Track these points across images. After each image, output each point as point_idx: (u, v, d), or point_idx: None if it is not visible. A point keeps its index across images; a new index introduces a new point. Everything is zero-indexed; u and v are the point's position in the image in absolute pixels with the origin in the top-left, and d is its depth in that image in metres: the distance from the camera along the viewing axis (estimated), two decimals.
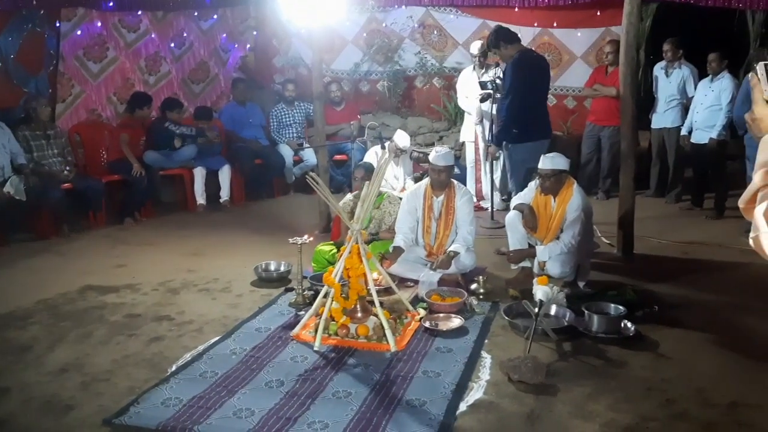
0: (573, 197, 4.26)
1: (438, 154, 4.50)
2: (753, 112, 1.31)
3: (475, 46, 6.69)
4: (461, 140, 7.10)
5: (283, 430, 2.68)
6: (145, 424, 2.77)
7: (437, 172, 4.49)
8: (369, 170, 4.88)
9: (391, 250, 4.54)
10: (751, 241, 1.24)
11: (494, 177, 6.47)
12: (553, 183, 4.27)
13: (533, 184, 4.48)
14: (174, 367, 3.33)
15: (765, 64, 1.27)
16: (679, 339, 3.61)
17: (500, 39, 5.30)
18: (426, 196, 4.59)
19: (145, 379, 3.20)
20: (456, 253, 4.41)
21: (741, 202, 1.29)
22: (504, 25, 7.33)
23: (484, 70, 6.61)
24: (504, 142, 5.46)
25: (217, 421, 2.76)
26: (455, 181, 4.68)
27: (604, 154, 7.07)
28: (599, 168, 7.17)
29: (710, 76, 6.31)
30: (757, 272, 4.65)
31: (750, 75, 1.31)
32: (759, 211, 1.21)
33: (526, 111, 5.20)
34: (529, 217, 4.34)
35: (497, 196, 6.50)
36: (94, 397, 3.04)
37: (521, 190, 4.75)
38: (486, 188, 6.66)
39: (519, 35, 7.12)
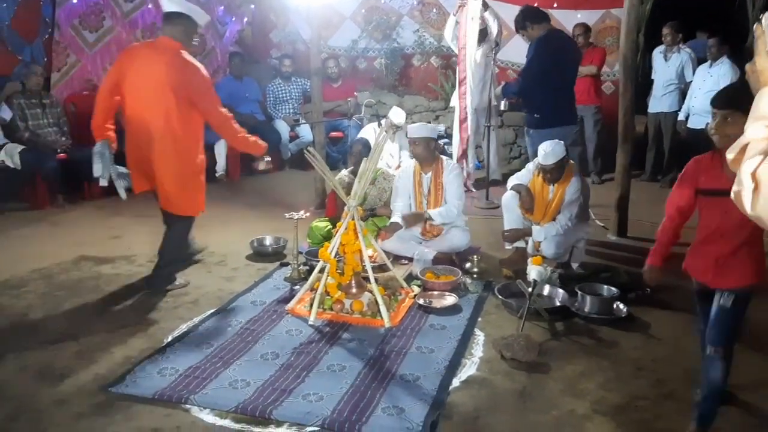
0: (572, 181, 4.24)
1: (413, 126, 4.52)
2: (754, 63, 1.30)
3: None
4: (451, 104, 7.09)
5: (278, 401, 2.71)
6: (141, 393, 2.79)
7: (413, 144, 4.50)
8: (367, 146, 4.87)
9: (388, 225, 4.57)
10: (732, 195, 1.23)
11: (491, 154, 6.48)
12: (554, 174, 4.25)
13: (531, 166, 4.48)
14: (170, 338, 3.35)
15: None
16: (670, 321, 3.65)
17: (526, 19, 5.10)
18: (415, 173, 4.59)
19: (141, 349, 3.22)
20: (430, 217, 4.44)
21: (730, 152, 1.28)
22: (503, 3, 7.33)
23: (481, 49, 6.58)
24: (526, 128, 5.36)
25: (213, 391, 2.79)
26: (444, 157, 4.64)
27: (588, 134, 7.09)
28: (585, 149, 7.17)
29: (709, 62, 6.31)
30: None
31: (755, 25, 1.30)
32: (746, 167, 1.20)
33: (549, 94, 4.98)
34: (526, 198, 4.34)
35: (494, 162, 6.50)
36: (89, 366, 3.06)
37: None
38: (472, 165, 6.66)
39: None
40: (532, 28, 5.07)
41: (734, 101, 2.26)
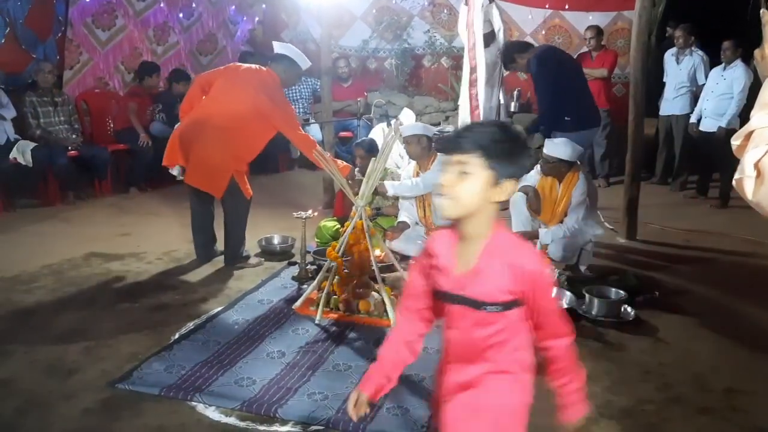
0: (579, 183, 4.23)
1: (403, 126, 4.50)
2: (764, 49, 1.29)
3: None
4: (459, 102, 7.07)
5: (283, 399, 2.72)
6: (147, 389, 2.80)
7: (406, 143, 4.53)
8: (369, 148, 4.86)
9: (396, 225, 4.56)
10: (734, 182, 1.24)
11: None
12: (551, 168, 4.25)
13: (539, 167, 4.47)
14: (177, 335, 3.36)
15: None
16: (678, 325, 3.63)
17: (513, 53, 5.17)
18: (414, 172, 4.62)
19: (149, 346, 3.24)
20: (382, 186, 4.44)
21: (735, 139, 1.27)
22: (514, 5, 7.32)
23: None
24: (552, 132, 5.29)
25: (218, 389, 2.80)
26: (440, 154, 4.63)
27: (597, 137, 7.03)
28: (592, 152, 7.13)
29: (723, 64, 6.27)
30: (759, 262, 4.68)
31: (762, 11, 1.30)
32: (750, 156, 1.20)
33: (572, 98, 4.95)
34: (533, 199, 4.33)
35: None
36: (97, 362, 3.08)
37: None
38: None
39: (529, 17, 7.04)
40: (521, 57, 5.12)
41: (476, 141, 1.49)
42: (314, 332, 3.44)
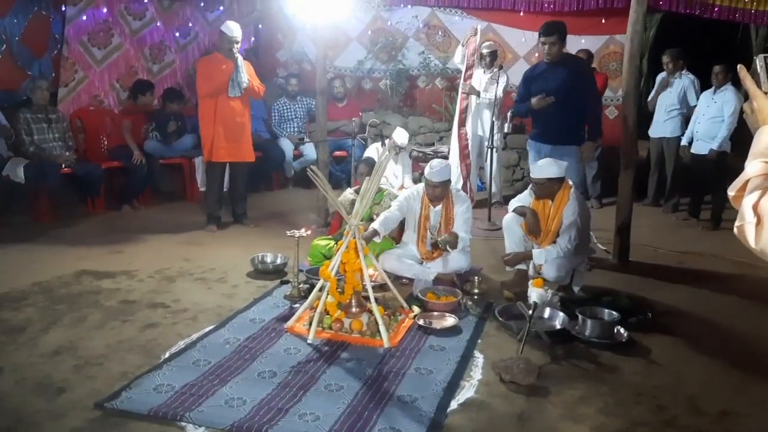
0: (569, 202, 4.23)
1: (433, 170, 4.34)
2: (752, 103, 1.32)
3: (486, 46, 6.80)
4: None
5: (274, 420, 2.69)
6: (136, 409, 2.77)
7: (432, 187, 4.38)
8: (372, 166, 4.86)
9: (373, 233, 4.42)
10: (735, 230, 1.24)
11: (492, 176, 6.52)
12: (542, 190, 4.26)
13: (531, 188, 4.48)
14: (167, 354, 3.33)
15: (765, 57, 1.29)
16: (672, 346, 3.63)
17: (565, 34, 5.14)
18: (423, 205, 4.52)
19: (138, 365, 3.21)
20: (457, 236, 4.34)
21: (731, 190, 1.29)
22: (509, 28, 7.43)
23: (489, 73, 6.68)
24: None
25: (208, 409, 2.77)
26: (452, 189, 4.62)
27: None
28: (584, 174, 7.15)
29: (713, 88, 6.34)
30: (751, 284, 4.69)
31: (739, 66, 1.33)
32: (748, 201, 1.21)
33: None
34: (532, 221, 4.30)
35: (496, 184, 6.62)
36: (86, 381, 3.05)
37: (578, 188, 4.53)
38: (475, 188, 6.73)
39: (523, 39, 7.14)
40: (563, 44, 5.13)
41: None
42: (306, 352, 3.41)
